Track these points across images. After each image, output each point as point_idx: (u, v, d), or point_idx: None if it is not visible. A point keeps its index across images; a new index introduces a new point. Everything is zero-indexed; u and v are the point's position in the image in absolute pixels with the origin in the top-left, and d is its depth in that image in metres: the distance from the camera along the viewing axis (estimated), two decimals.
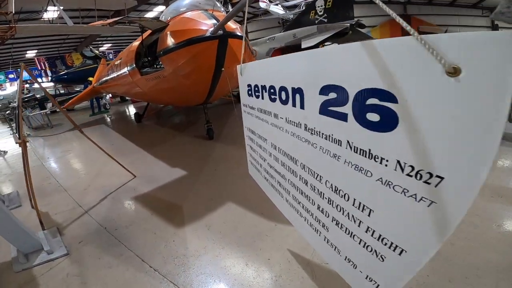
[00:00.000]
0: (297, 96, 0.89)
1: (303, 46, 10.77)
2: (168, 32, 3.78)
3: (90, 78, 10.34)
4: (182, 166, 3.80)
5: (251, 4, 15.47)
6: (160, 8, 18.52)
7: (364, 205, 0.72)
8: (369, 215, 0.71)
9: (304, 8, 17.28)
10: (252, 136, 1.50)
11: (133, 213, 2.79)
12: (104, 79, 7.34)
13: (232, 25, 3.76)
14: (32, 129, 9.10)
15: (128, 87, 5.87)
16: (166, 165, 3.91)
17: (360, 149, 0.67)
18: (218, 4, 4.41)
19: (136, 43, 5.02)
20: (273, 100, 1.07)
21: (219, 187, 3.09)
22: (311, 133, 0.87)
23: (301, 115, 0.90)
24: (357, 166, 0.70)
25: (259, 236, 2.17)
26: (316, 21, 10.72)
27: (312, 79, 0.80)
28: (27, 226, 2.37)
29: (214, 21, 3.54)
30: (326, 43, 12.06)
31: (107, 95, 11.47)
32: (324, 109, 0.77)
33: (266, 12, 17.81)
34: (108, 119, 9.42)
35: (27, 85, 20.67)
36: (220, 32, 3.36)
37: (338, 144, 0.75)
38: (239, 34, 3.71)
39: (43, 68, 19.56)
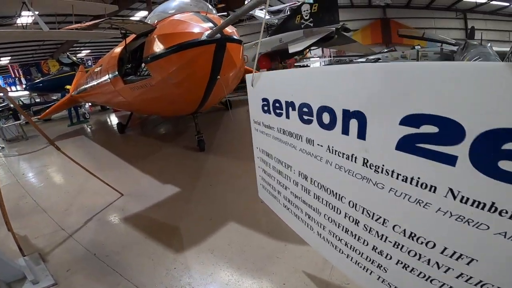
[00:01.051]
0: (353, 122, 0.71)
1: (290, 51, 10.70)
2: (156, 36, 3.48)
3: (68, 86, 9.73)
4: (173, 181, 3.53)
5: (235, 10, 15.35)
6: (142, 13, 18.02)
7: (462, 255, 0.57)
8: (468, 264, 0.57)
9: (288, 13, 17.45)
10: (266, 159, 1.31)
11: (124, 236, 2.52)
12: (83, 87, 6.86)
13: (228, 29, 3.49)
14: (6, 141, 8.42)
15: (109, 96, 5.48)
16: (156, 181, 3.62)
17: (474, 201, 0.52)
18: (210, 7, 4.16)
19: (118, 49, 4.67)
20: (307, 122, 0.88)
21: (218, 204, 2.88)
22: (376, 170, 0.69)
23: (357, 147, 0.72)
24: (461, 217, 0.54)
25: (269, 258, 1.99)
26: (302, 26, 10.72)
27: (386, 103, 0.62)
28: (4, 251, 2.12)
29: (210, 24, 3.26)
30: (312, 48, 12.13)
31: (86, 104, 10.87)
32: (408, 145, 0.59)
33: (252, 17, 17.78)
34: (89, 130, 8.87)
35: (1, 94, 19.46)
36: (218, 35, 3.10)
37: (429, 190, 0.58)
38: (237, 38, 3.48)
39: (17, 75, 18.47)
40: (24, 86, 19.07)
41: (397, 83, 0.59)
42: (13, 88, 19.49)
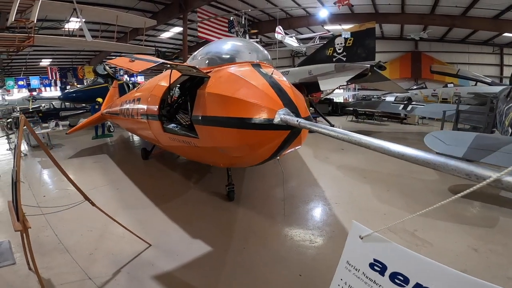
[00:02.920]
0: None
1: (322, 88, 10.37)
2: (212, 94, 2.92)
3: (99, 99, 9.86)
4: (204, 237, 3.26)
5: (265, 34, 15.34)
6: (177, 29, 18.84)
7: None
8: None
9: (318, 42, 17.58)
10: None
11: None
12: (115, 109, 6.64)
13: (301, 100, 2.80)
14: (31, 146, 8.61)
15: (143, 133, 5.17)
16: (185, 233, 3.37)
17: None
18: (265, 52, 3.72)
19: (160, 84, 4.36)
20: None
21: (255, 275, 2.62)
22: None
23: None
24: None
25: None
26: (334, 59, 10.52)
27: None
28: None
29: (271, 80, 2.71)
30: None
31: None
32: None
33: (280, 42, 18.03)
34: (112, 147, 8.79)
35: (35, 93, 20.58)
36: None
37: None
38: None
39: (54, 78, 19.53)
40: (58, 88, 20.09)
41: None
42: (48, 89, 20.62)
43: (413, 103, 9.78)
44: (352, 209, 3.99)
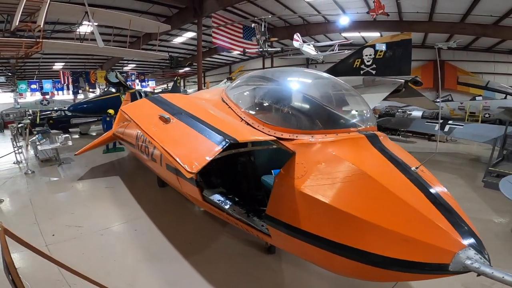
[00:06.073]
0: None
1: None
2: (313, 199, 1.80)
3: (111, 111, 9.27)
4: None
5: (280, 40, 14.38)
6: (190, 34, 18.31)
7: None
8: None
9: (337, 50, 16.77)
10: None
11: None
12: (130, 134, 5.59)
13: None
14: (39, 160, 8.13)
15: (170, 182, 4.19)
16: None
17: None
18: (364, 101, 2.65)
19: None
20: None
21: None
22: None
23: None
24: None
25: None
26: (362, 72, 9.69)
27: None
28: None
29: (419, 182, 1.72)
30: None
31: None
32: None
33: (295, 48, 17.25)
34: (124, 165, 8.12)
35: (48, 97, 20.32)
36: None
37: None
38: None
39: (66, 82, 19.26)
40: (70, 92, 19.78)
41: None
42: (60, 93, 20.37)
43: (450, 122, 8.90)
44: None
